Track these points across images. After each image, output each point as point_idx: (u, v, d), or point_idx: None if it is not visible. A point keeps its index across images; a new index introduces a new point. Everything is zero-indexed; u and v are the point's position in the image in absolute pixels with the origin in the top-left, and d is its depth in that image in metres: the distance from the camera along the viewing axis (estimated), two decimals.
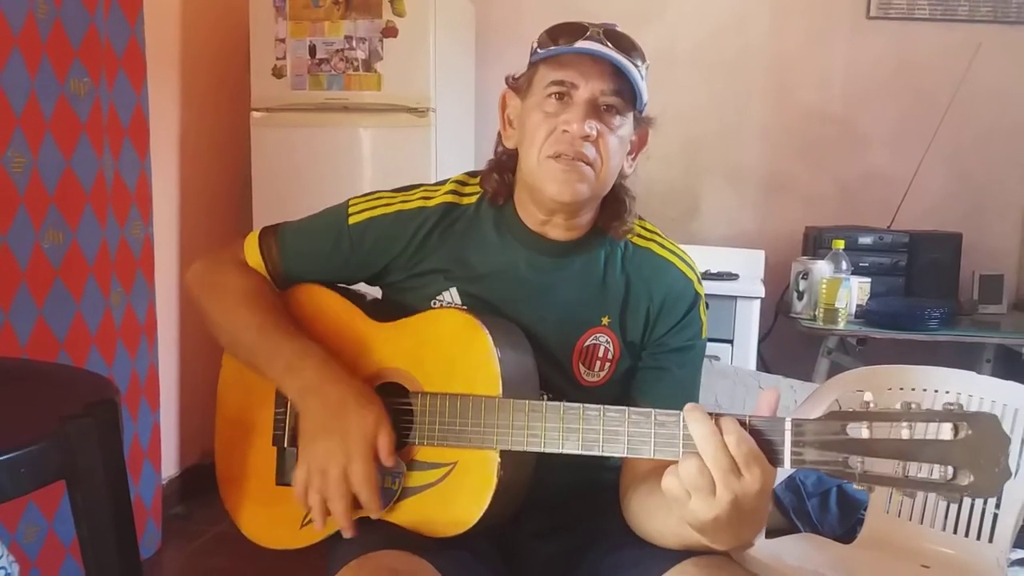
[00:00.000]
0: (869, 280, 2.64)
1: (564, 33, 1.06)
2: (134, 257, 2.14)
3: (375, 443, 0.99)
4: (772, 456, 0.81)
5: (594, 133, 1.03)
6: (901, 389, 1.65)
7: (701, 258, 2.96)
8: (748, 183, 3.17)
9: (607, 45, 1.03)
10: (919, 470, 0.74)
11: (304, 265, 1.18)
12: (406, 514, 1.02)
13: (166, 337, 2.46)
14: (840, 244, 2.63)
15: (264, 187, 2.65)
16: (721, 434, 0.81)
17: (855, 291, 2.57)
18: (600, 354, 1.11)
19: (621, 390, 1.14)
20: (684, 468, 0.81)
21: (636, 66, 1.05)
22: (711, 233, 3.13)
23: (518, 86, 1.12)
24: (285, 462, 1.13)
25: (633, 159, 1.14)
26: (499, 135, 1.16)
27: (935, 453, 0.74)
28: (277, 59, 2.58)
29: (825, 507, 2.22)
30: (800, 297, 2.64)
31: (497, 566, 1.08)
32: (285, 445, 1.14)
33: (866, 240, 2.79)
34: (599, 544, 1.09)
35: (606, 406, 0.92)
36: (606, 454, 0.91)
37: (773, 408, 0.83)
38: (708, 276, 2.65)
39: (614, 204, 1.13)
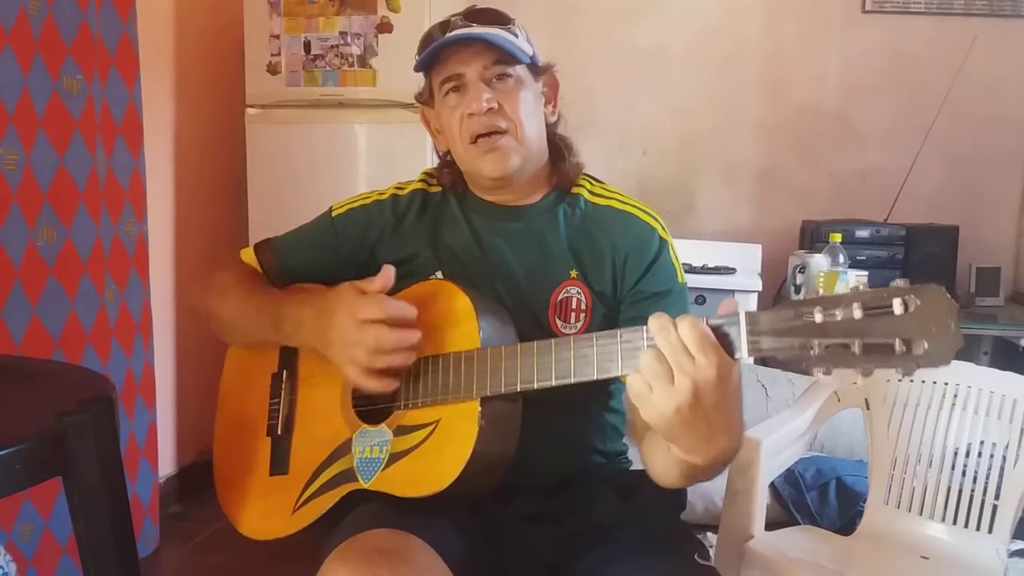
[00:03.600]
0: (866, 273, 2.64)
1: (432, 35, 1.15)
2: (128, 255, 2.13)
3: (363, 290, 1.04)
4: (729, 347, 0.82)
5: (495, 104, 1.11)
6: (899, 380, 1.65)
7: (698, 253, 2.95)
8: (744, 178, 3.17)
9: (471, 25, 1.12)
10: (875, 347, 0.75)
11: (298, 263, 1.24)
12: (394, 479, 1.03)
13: (161, 335, 2.45)
14: (837, 238, 2.62)
15: (259, 184, 2.64)
16: (675, 325, 0.82)
17: (852, 284, 2.57)
18: (574, 306, 1.15)
19: None
20: (642, 359, 0.82)
21: (507, 28, 1.14)
22: (707, 228, 3.13)
23: (424, 99, 1.22)
24: (279, 451, 1.14)
25: (553, 107, 1.22)
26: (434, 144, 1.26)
27: (888, 328, 0.74)
28: (272, 55, 2.57)
29: (824, 499, 2.22)
30: (797, 291, 2.64)
31: (488, 543, 1.07)
32: (279, 432, 1.15)
33: (863, 233, 2.79)
34: (596, 545, 1.08)
35: (576, 335, 0.95)
36: (578, 380, 0.92)
37: (732, 311, 0.84)
38: (705, 271, 2.65)
39: (555, 152, 1.21)
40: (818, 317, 0.77)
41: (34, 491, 1.76)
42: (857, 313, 0.75)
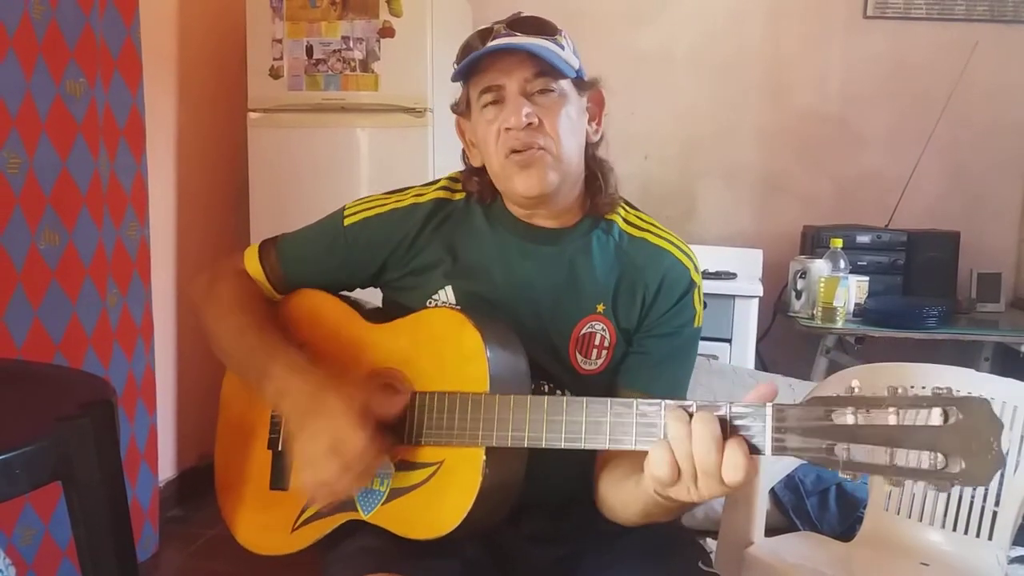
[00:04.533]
0: (867, 279, 2.64)
1: (473, 42, 1.08)
2: (130, 258, 2.13)
3: (361, 411, 0.95)
4: (752, 444, 0.79)
5: (535, 120, 1.04)
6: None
7: (699, 257, 2.95)
8: (745, 183, 3.18)
9: (514, 34, 1.05)
10: (908, 458, 0.70)
11: (303, 269, 1.18)
12: (394, 516, 1.00)
13: (163, 339, 2.45)
14: (838, 243, 2.62)
15: (261, 188, 2.65)
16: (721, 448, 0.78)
17: (853, 290, 2.57)
18: (596, 342, 1.10)
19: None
20: (657, 469, 0.80)
21: (552, 39, 1.07)
22: (709, 233, 3.13)
23: (461, 110, 1.15)
24: (279, 466, 1.13)
25: (597, 124, 1.15)
26: (464, 153, 1.18)
27: (924, 439, 0.69)
28: (274, 60, 2.57)
29: (824, 505, 2.22)
30: (798, 296, 2.64)
31: (492, 574, 1.06)
32: (279, 448, 1.13)
33: (864, 239, 2.79)
34: (598, 550, 1.07)
35: (589, 398, 0.90)
36: (589, 447, 0.89)
37: (766, 400, 0.80)
38: (706, 275, 2.64)
39: (592, 181, 1.14)
40: (849, 419, 0.72)
41: (34, 495, 1.76)
42: (891, 419, 0.71)
